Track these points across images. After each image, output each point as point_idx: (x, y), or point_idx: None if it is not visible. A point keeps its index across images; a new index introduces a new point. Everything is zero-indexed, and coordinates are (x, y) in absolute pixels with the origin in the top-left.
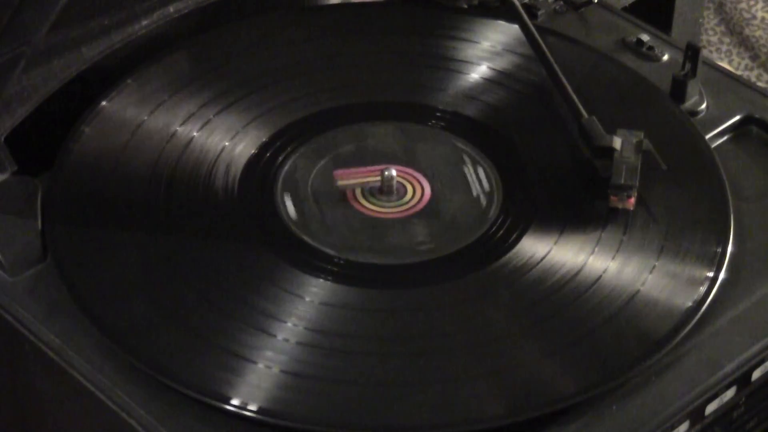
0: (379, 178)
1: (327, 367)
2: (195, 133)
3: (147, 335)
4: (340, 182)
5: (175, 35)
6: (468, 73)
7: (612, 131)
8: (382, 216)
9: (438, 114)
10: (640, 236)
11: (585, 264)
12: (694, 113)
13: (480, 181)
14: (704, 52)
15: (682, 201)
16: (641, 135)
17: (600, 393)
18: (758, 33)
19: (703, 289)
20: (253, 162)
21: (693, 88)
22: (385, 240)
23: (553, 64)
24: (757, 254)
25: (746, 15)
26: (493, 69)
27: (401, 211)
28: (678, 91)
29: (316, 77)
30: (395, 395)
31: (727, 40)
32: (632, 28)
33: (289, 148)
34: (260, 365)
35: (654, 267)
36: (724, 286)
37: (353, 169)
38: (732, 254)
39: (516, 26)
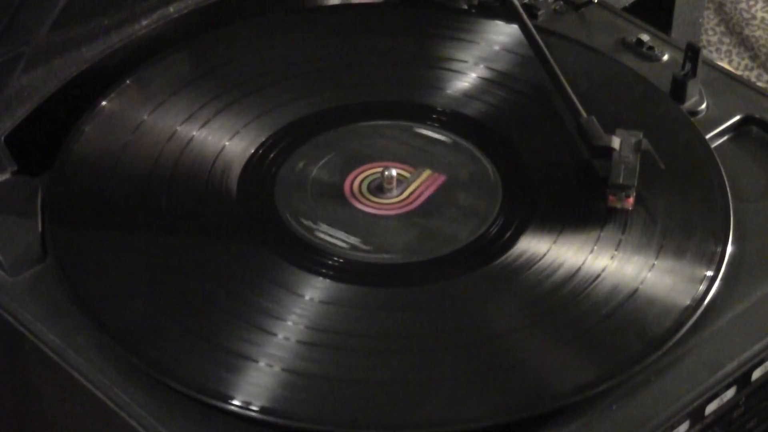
0: (378, 177)
1: (327, 366)
2: (195, 133)
3: (147, 335)
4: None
5: (175, 35)
6: (468, 73)
7: (611, 131)
8: (383, 215)
9: (438, 114)
10: (640, 235)
11: (584, 263)
12: (694, 113)
13: (481, 180)
14: (704, 52)
15: (682, 201)
16: (640, 135)
17: (600, 393)
18: (758, 33)
19: (702, 288)
20: (253, 162)
21: (693, 88)
22: (385, 238)
23: (552, 64)
24: (757, 254)
25: (746, 15)
26: (493, 69)
27: (402, 211)
28: (678, 91)
29: (316, 77)
30: (395, 394)
31: (727, 40)
32: (632, 28)
33: (289, 148)
34: (261, 364)
35: (653, 266)
36: (724, 286)
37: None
38: (731, 254)
39: (516, 26)
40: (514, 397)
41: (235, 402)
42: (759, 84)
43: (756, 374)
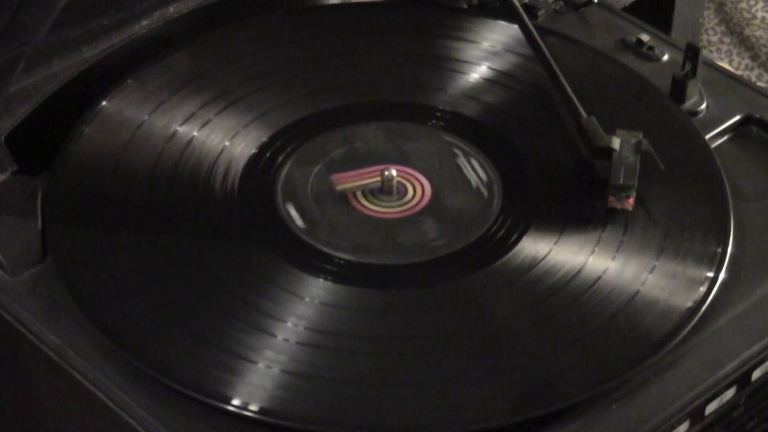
0: (378, 178)
1: (327, 367)
2: (195, 133)
3: (147, 335)
4: (340, 187)
5: (175, 35)
6: (468, 73)
7: (611, 131)
8: (382, 216)
9: (438, 114)
10: (641, 236)
11: (585, 264)
12: (694, 113)
13: (480, 181)
14: (704, 52)
15: (682, 201)
16: (640, 135)
17: (600, 393)
18: (758, 33)
19: (703, 289)
20: (253, 162)
21: (693, 88)
22: (385, 240)
23: (552, 64)
24: (757, 254)
25: (746, 15)
26: (493, 69)
27: (401, 212)
28: (678, 91)
29: (315, 77)
30: (395, 395)
31: (727, 40)
32: (632, 28)
33: (289, 148)
34: (260, 365)
35: (654, 267)
36: (724, 286)
37: (351, 172)
38: (732, 254)
39: (516, 26)
40: (515, 397)
41: (234, 402)
42: (759, 84)
43: (756, 374)
